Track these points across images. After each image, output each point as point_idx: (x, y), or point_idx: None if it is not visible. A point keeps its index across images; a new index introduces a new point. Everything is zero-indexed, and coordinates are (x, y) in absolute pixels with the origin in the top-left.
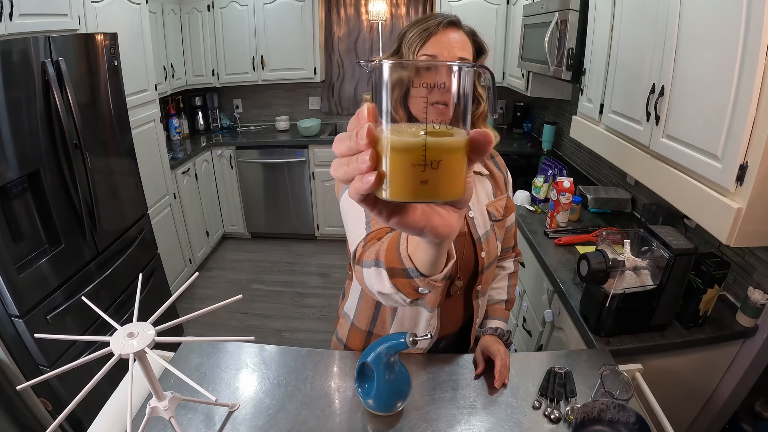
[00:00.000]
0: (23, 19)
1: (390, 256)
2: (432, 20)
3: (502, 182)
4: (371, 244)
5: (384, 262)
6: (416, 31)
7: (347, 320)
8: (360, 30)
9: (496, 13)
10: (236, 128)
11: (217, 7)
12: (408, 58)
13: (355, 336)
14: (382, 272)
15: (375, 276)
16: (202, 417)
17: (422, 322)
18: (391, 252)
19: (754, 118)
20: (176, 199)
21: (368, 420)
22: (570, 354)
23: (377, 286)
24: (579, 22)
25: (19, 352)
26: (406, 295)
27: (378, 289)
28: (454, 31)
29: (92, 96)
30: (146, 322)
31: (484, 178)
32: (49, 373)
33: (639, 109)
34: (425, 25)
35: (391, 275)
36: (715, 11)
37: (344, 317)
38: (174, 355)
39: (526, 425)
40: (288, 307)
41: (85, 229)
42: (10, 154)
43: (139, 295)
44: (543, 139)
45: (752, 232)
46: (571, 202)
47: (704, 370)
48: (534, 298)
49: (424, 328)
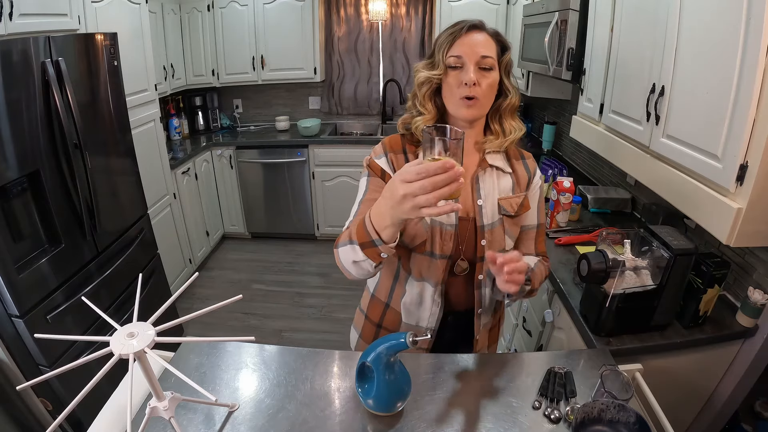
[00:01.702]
0: (23, 19)
1: (360, 234)
2: (458, 25)
3: (525, 182)
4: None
5: (357, 239)
6: (445, 35)
7: (368, 292)
8: (360, 30)
9: (496, 13)
10: (236, 128)
11: (217, 7)
12: (439, 59)
13: (374, 306)
14: (355, 246)
15: (350, 251)
16: (202, 417)
17: (427, 297)
18: (360, 232)
19: (754, 118)
20: (176, 199)
21: (368, 420)
22: (570, 354)
23: (351, 256)
24: (579, 22)
25: (19, 352)
26: (372, 260)
27: (352, 259)
28: (477, 32)
29: (92, 96)
30: (146, 322)
31: (507, 175)
32: (49, 373)
33: (639, 109)
34: (452, 30)
35: (362, 247)
36: (715, 11)
37: (367, 290)
38: (174, 355)
39: (526, 425)
40: (288, 307)
41: (85, 229)
42: (10, 154)
43: (139, 295)
44: (543, 139)
45: (752, 232)
46: (571, 202)
47: (704, 370)
48: (534, 298)
49: (429, 303)
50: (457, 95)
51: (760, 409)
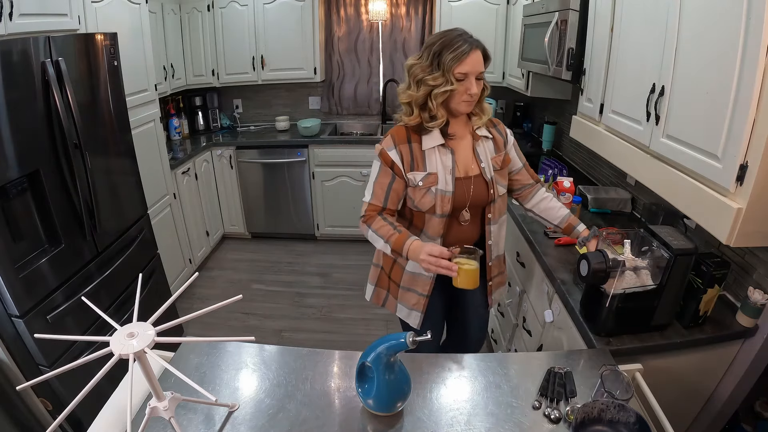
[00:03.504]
0: (23, 19)
1: (396, 246)
2: (463, 44)
3: (502, 143)
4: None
5: (391, 246)
6: (452, 55)
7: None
8: (360, 30)
9: (496, 13)
10: (236, 128)
11: (217, 7)
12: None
13: (387, 259)
14: (388, 247)
15: (382, 245)
16: (202, 417)
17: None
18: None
19: (754, 118)
20: (176, 199)
21: (368, 420)
22: (570, 354)
23: (380, 246)
24: (579, 22)
25: (19, 352)
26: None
27: (379, 246)
28: (475, 51)
29: (92, 96)
30: (146, 322)
31: (489, 140)
32: (49, 373)
33: (639, 109)
34: (460, 50)
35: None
36: (715, 11)
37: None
38: (174, 355)
39: (526, 425)
40: (288, 307)
41: (85, 229)
42: (10, 154)
43: (139, 295)
44: (543, 139)
45: (752, 232)
46: (571, 202)
47: (704, 370)
48: (534, 298)
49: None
50: (461, 99)
51: (760, 409)
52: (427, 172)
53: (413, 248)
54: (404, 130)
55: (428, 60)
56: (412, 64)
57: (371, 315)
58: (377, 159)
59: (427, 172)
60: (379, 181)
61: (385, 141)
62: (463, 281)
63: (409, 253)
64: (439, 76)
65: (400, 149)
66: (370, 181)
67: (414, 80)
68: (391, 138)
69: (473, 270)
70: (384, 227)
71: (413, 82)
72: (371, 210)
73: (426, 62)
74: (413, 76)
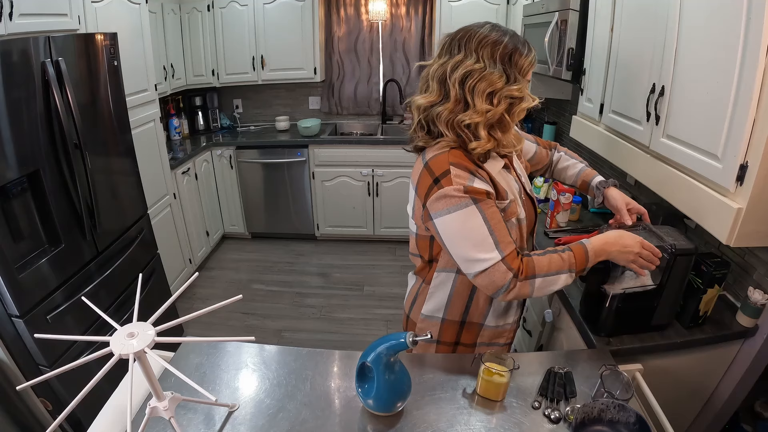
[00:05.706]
0: (23, 19)
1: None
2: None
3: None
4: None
5: (576, 269)
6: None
7: (435, 320)
8: (360, 30)
9: (496, 13)
10: (236, 128)
11: (217, 7)
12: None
13: (448, 329)
14: (573, 274)
15: (563, 281)
16: (202, 417)
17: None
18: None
19: (754, 118)
20: (176, 199)
21: (368, 420)
22: (570, 354)
23: (560, 284)
24: (579, 22)
25: (19, 352)
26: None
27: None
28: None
29: (92, 96)
30: (146, 322)
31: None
32: (49, 373)
33: (639, 109)
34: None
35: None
36: (715, 11)
37: (428, 319)
38: (174, 355)
39: (526, 425)
40: (288, 307)
41: (85, 229)
42: (10, 154)
43: (139, 295)
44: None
45: (752, 232)
46: (571, 202)
47: (704, 370)
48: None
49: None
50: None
51: (760, 409)
52: (509, 200)
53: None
54: (463, 154)
55: (495, 66)
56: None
57: (371, 315)
58: (466, 202)
59: (508, 200)
60: (493, 222)
61: (456, 174)
62: (488, 392)
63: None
64: (524, 87)
65: (480, 175)
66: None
67: (482, 94)
68: (465, 169)
69: (504, 384)
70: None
71: (481, 97)
72: (513, 258)
73: (494, 69)
74: (480, 91)
